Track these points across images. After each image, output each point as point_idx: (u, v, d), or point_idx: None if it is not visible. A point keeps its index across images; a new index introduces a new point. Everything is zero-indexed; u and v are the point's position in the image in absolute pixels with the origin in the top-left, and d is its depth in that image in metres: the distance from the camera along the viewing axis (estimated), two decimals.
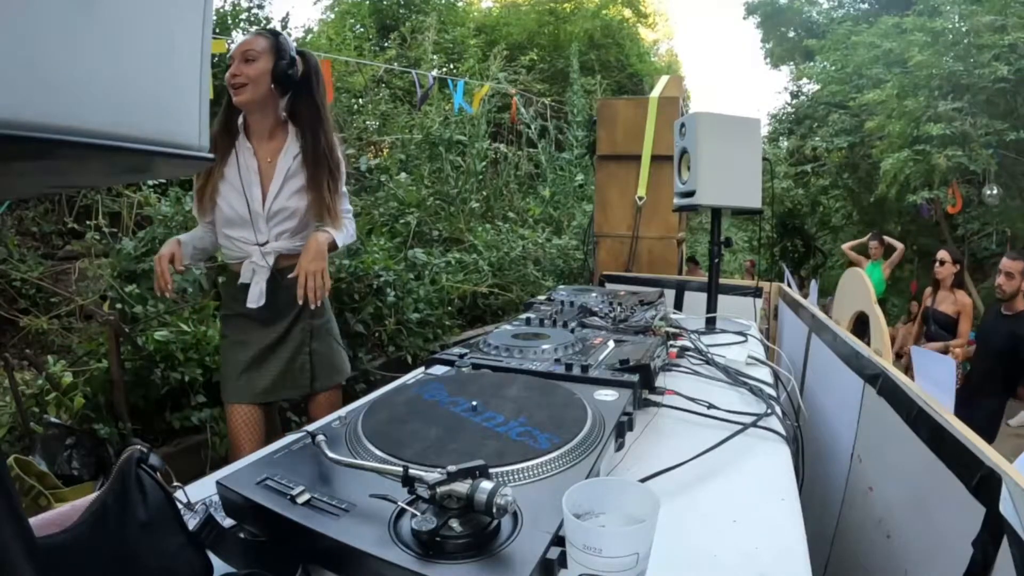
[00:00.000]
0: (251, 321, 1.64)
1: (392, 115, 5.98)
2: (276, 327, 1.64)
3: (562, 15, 11.87)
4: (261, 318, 1.63)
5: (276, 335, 1.64)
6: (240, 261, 1.62)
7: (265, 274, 1.60)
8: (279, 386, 1.66)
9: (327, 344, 1.73)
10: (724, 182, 1.73)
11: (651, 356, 1.05)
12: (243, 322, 1.65)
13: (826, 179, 9.99)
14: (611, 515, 0.54)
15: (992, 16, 5.91)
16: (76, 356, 2.54)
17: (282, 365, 1.65)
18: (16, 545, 0.40)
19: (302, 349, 1.67)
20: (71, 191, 3.43)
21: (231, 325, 1.68)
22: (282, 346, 1.65)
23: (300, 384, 1.69)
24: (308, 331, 1.68)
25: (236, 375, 1.64)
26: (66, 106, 0.29)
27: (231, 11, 5.57)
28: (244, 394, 1.64)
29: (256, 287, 1.60)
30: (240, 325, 1.66)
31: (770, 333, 2.55)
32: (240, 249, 1.61)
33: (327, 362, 1.73)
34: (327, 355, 1.72)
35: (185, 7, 0.37)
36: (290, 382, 1.67)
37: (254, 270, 1.61)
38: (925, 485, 0.95)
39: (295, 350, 1.66)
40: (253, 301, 1.60)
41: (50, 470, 2.03)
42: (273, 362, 1.65)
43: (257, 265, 1.60)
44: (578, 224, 5.86)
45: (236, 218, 1.59)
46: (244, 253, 1.61)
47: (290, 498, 0.59)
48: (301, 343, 1.67)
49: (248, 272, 1.61)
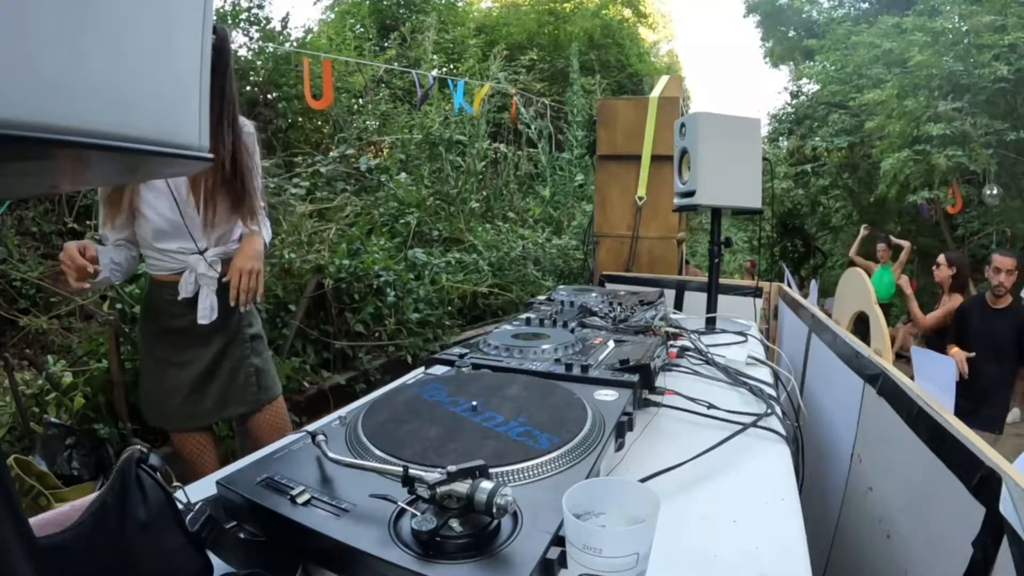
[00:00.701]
0: (186, 337, 1.49)
1: (392, 115, 5.97)
2: (215, 341, 1.51)
3: (562, 15, 11.87)
4: (199, 332, 1.48)
5: (216, 349, 1.52)
6: (172, 274, 1.47)
7: (213, 285, 1.46)
8: (224, 404, 1.55)
9: (264, 356, 1.63)
10: (724, 182, 1.73)
11: (651, 356, 1.05)
12: (177, 339, 1.50)
13: (826, 179, 9.99)
14: (611, 515, 0.54)
15: (992, 16, 5.91)
16: (76, 356, 2.54)
17: (225, 382, 1.54)
18: (16, 545, 0.40)
19: (243, 363, 1.56)
20: (71, 191, 3.43)
21: (163, 344, 1.51)
22: (224, 361, 1.53)
23: (248, 399, 1.58)
24: (247, 341, 1.57)
25: (179, 400, 1.50)
26: (66, 106, 0.29)
27: (231, 11, 5.56)
28: (190, 419, 1.53)
29: (206, 300, 1.46)
30: (174, 343, 1.50)
31: (770, 333, 2.55)
32: (176, 261, 1.46)
33: (269, 372, 1.63)
34: (267, 366, 1.63)
35: (185, 7, 0.37)
36: (236, 398, 1.56)
37: (198, 281, 1.46)
38: (925, 485, 0.95)
39: (237, 363, 1.55)
40: (205, 317, 1.46)
41: (50, 470, 2.02)
42: (217, 380, 1.53)
43: (203, 276, 1.45)
44: (578, 224, 5.86)
45: (168, 227, 1.42)
46: (181, 265, 1.46)
47: (290, 498, 0.59)
48: (242, 356, 1.56)
49: (189, 285, 1.45)
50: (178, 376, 1.50)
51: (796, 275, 9.06)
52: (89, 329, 2.87)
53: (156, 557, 0.53)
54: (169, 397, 1.52)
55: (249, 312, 1.59)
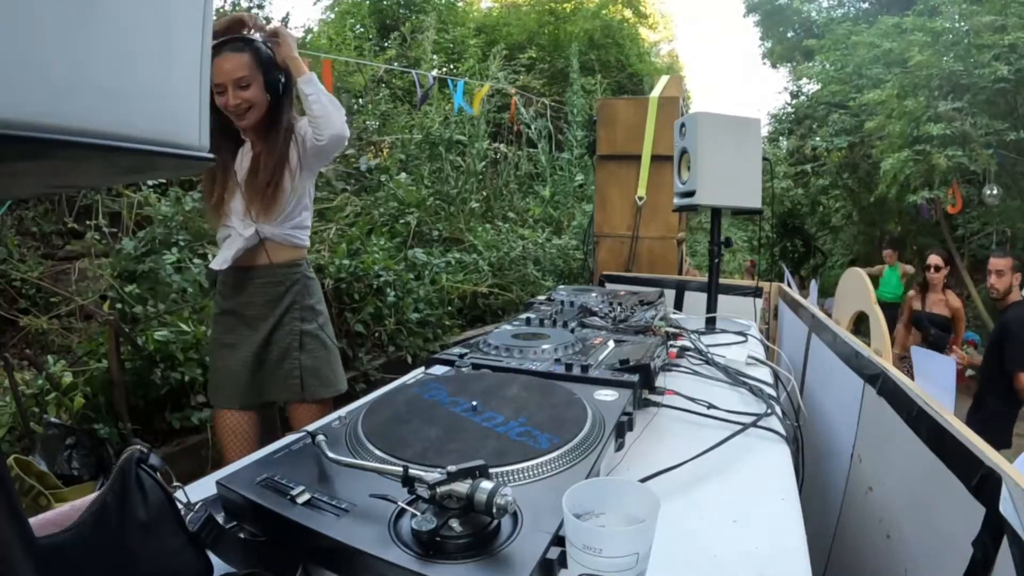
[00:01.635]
0: (237, 320, 1.61)
1: (392, 115, 5.97)
2: (262, 327, 1.60)
3: (562, 15, 11.87)
4: (247, 316, 1.60)
5: (262, 336, 1.60)
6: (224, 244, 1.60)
7: (240, 242, 1.55)
8: (265, 390, 1.63)
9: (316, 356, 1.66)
10: (724, 182, 1.73)
11: (651, 356, 1.05)
12: (230, 321, 1.63)
13: (826, 179, 10.00)
14: (611, 515, 0.54)
15: (992, 16, 5.92)
16: (76, 356, 2.54)
17: (271, 369, 1.62)
18: (16, 545, 0.40)
19: (289, 355, 1.62)
20: (71, 191, 3.43)
21: (219, 325, 1.66)
22: (271, 348, 1.61)
23: (287, 393, 1.64)
24: (297, 336, 1.63)
25: (223, 379, 1.62)
26: (66, 106, 0.29)
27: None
28: (229, 399, 1.61)
29: (228, 251, 1.56)
30: (227, 324, 1.63)
31: (770, 333, 2.55)
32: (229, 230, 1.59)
33: (320, 374, 1.66)
34: (316, 368, 1.66)
35: (185, 7, 0.37)
36: (278, 387, 1.63)
37: (230, 236, 1.57)
38: (925, 485, 0.95)
39: (282, 355, 1.62)
40: (218, 264, 1.58)
41: (50, 470, 2.02)
42: (263, 366, 1.62)
43: (236, 232, 1.56)
44: (578, 224, 5.86)
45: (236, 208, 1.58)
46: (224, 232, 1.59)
47: (290, 498, 0.59)
48: (288, 349, 1.62)
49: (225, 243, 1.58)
50: (224, 357, 1.62)
51: (796, 275, 9.05)
52: (89, 329, 2.87)
53: (156, 557, 0.53)
54: (217, 375, 1.65)
55: (305, 308, 1.65)
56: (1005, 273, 3.06)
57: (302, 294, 1.65)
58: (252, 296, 1.61)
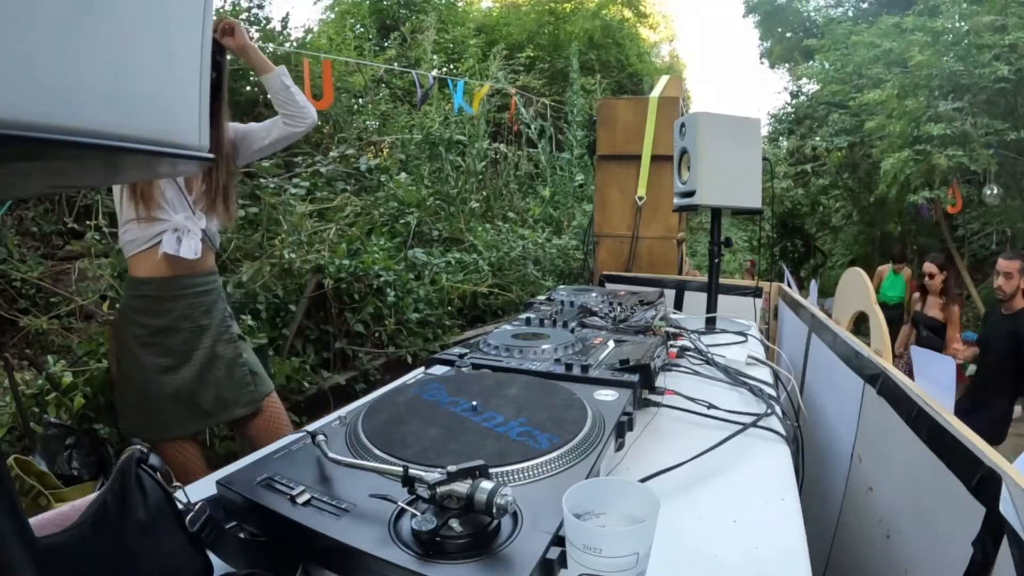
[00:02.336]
0: (173, 337, 1.46)
1: (392, 115, 5.97)
2: (205, 341, 1.50)
3: (562, 15, 11.87)
4: (182, 328, 1.46)
5: (207, 350, 1.49)
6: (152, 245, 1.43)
7: (197, 233, 1.45)
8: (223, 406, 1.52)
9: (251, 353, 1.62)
10: (724, 182, 1.73)
11: (651, 356, 1.05)
12: (164, 340, 1.45)
13: (826, 179, 10.00)
14: (611, 515, 0.54)
15: (992, 16, 5.91)
16: (76, 356, 2.54)
17: (221, 383, 1.52)
18: (16, 545, 0.40)
19: (236, 362, 1.54)
20: (71, 191, 3.43)
21: (151, 350, 1.45)
22: (216, 361, 1.51)
23: (245, 399, 1.56)
24: (234, 341, 1.57)
25: (173, 406, 1.45)
26: (66, 106, 0.29)
27: (231, 11, 5.56)
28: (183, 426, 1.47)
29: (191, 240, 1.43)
30: (162, 345, 1.45)
31: (770, 333, 2.55)
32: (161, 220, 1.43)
33: (260, 368, 1.62)
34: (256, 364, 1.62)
35: (185, 7, 0.37)
36: (234, 399, 1.54)
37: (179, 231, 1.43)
38: (925, 485, 0.95)
39: (231, 363, 1.53)
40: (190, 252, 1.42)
41: (50, 470, 2.02)
42: (211, 382, 1.50)
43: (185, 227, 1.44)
44: (578, 224, 5.86)
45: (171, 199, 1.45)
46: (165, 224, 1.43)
47: (290, 498, 0.59)
48: (236, 355, 1.55)
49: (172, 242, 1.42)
50: (171, 382, 1.45)
51: (796, 275, 9.05)
52: (89, 329, 2.87)
53: (156, 557, 0.53)
54: (162, 404, 1.46)
55: (229, 314, 1.60)
56: (1013, 276, 3.03)
57: (225, 297, 1.60)
58: (190, 308, 1.48)
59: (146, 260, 1.44)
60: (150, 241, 1.43)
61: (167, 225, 1.43)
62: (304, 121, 1.58)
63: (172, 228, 1.43)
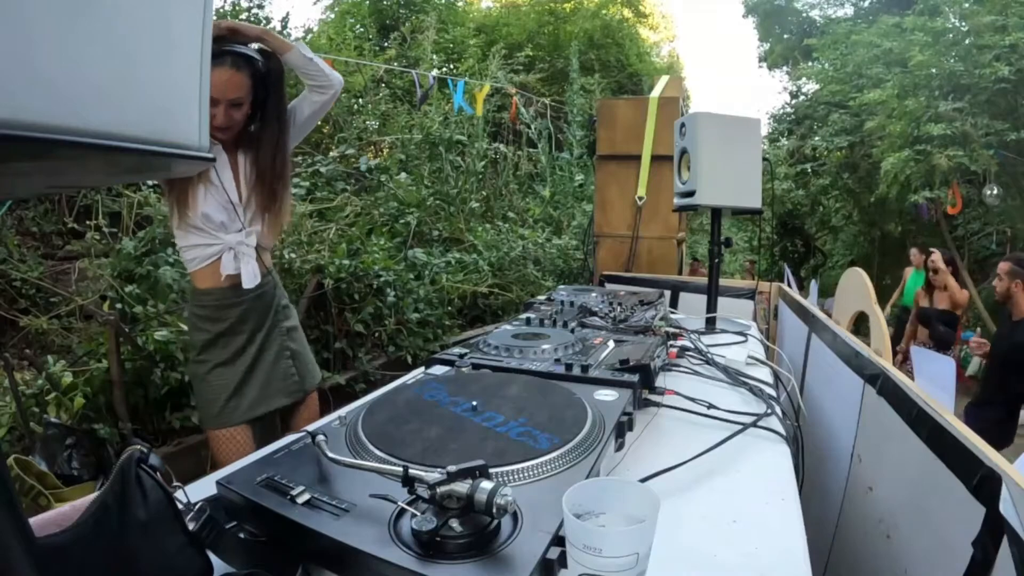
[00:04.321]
0: (232, 338, 1.56)
1: (392, 115, 5.97)
2: (257, 337, 1.59)
3: (562, 15, 11.87)
4: (242, 330, 1.57)
5: (257, 346, 1.58)
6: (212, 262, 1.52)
7: (252, 255, 1.53)
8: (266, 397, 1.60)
9: (301, 343, 1.69)
10: (724, 182, 1.73)
11: (651, 356, 1.05)
12: (225, 341, 1.56)
13: (826, 179, 9.99)
14: (611, 515, 0.54)
15: (993, 16, 5.92)
16: (76, 356, 2.54)
17: (265, 375, 1.59)
18: (16, 545, 0.40)
19: (282, 353, 1.62)
20: (71, 191, 3.43)
21: (211, 349, 1.56)
22: (264, 354, 1.60)
23: (290, 390, 1.63)
24: (284, 333, 1.64)
25: (224, 400, 1.55)
26: (66, 106, 0.29)
27: (231, 11, 5.57)
28: (234, 416, 1.56)
29: (248, 267, 1.53)
30: (223, 344, 1.56)
31: (770, 333, 2.55)
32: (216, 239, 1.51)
33: (306, 360, 1.70)
34: (304, 354, 1.69)
35: (185, 7, 0.37)
36: (276, 389, 1.61)
37: (236, 254, 1.52)
38: (925, 485, 0.95)
39: (276, 355, 1.61)
40: (249, 281, 1.52)
41: (50, 470, 2.02)
42: (258, 374, 1.59)
43: (241, 246, 1.53)
44: (578, 224, 5.86)
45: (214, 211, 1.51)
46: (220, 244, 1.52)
47: (290, 498, 0.59)
48: (281, 347, 1.63)
49: (230, 261, 1.52)
50: (221, 376, 1.56)
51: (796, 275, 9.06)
52: (89, 329, 2.87)
53: (156, 557, 0.53)
54: (214, 397, 1.57)
55: (287, 307, 1.68)
56: (1003, 278, 3.02)
57: (281, 294, 1.66)
58: (247, 312, 1.57)
59: (207, 274, 1.54)
60: (209, 259, 1.54)
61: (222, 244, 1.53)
62: (333, 85, 1.60)
63: (228, 247, 1.53)
